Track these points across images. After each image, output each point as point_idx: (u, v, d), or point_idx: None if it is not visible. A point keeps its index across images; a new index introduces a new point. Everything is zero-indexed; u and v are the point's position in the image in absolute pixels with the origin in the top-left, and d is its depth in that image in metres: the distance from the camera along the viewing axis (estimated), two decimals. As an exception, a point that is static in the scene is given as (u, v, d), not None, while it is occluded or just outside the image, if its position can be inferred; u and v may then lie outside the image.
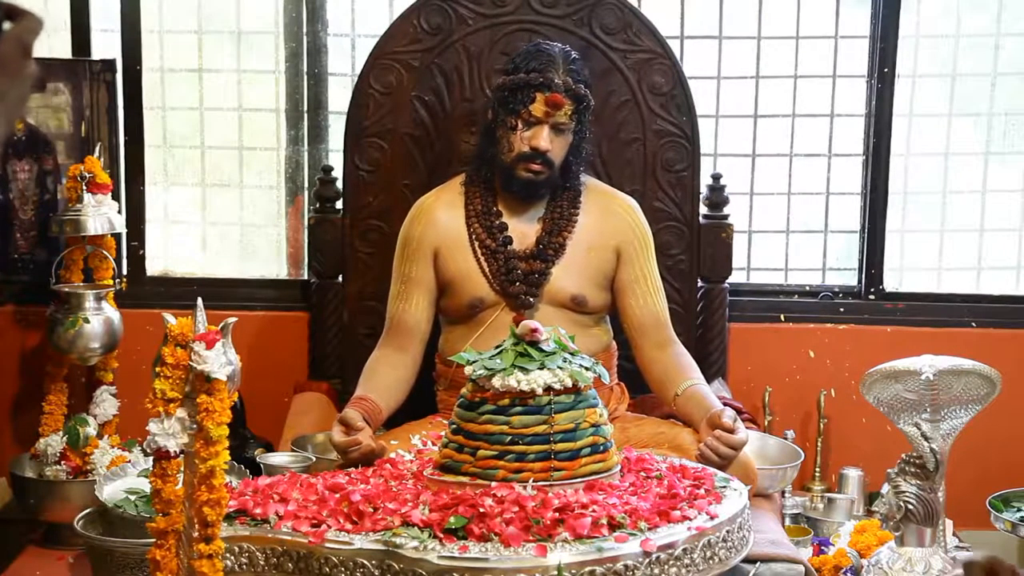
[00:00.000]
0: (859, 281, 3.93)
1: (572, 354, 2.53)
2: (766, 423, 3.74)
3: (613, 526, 2.28)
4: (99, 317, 3.56)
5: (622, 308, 3.18)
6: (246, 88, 3.96)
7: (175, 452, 2.11)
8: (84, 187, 3.55)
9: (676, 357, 3.13)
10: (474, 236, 3.13)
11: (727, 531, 2.40)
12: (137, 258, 3.93)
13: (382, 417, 3.00)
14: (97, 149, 3.69)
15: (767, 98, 3.92)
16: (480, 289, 3.12)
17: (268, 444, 3.54)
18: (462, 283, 3.13)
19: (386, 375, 3.09)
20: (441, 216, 3.16)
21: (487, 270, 3.12)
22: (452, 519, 2.27)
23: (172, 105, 3.97)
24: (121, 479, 3.18)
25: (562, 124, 3.04)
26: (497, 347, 2.53)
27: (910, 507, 2.71)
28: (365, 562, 2.24)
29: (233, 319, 2.14)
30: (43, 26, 1.20)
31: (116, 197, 3.75)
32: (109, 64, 3.82)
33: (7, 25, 1.19)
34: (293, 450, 3.06)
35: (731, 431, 2.78)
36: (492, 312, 3.11)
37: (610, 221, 3.17)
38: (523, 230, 3.14)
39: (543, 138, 3.02)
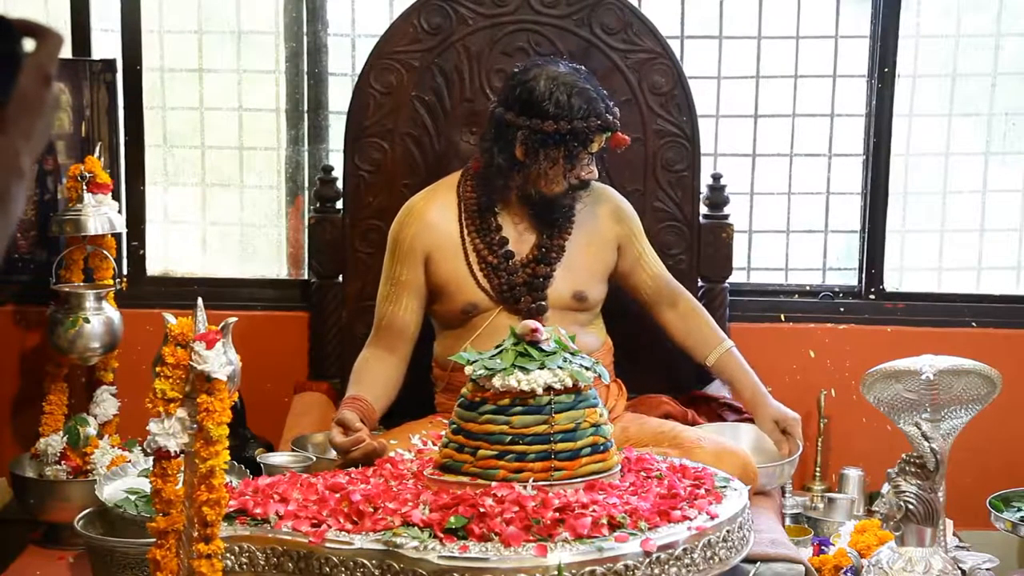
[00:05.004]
0: (859, 281, 3.93)
1: (572, 354, 2.53)
2: (766, 423, 3.74)
3: (613, 526, 2.28)
4: (99, 317, 3.55)
5: (634, 286, 3.29)
6: (246, 88, 3.95)
7: (175, 452, 2.11)
8: (84, 187, 3.55)
9: (693, 316, 3.33)
10: (470, 245, 3.12)
11: (727, 531, 2.40)
12: (137, 258, 3.93)
13: (376, 417, 3.01)
14: (97, 149, 3.69)
15: (767, 98, 3.91)
16: (473, 294, 3.11)
17: (268, 444, 3.54)
18: (455, 288, 3.12)
19: (377, 375, 3.09)
20: (433, 220, 3.15)
21: (480, 278, 3.11)
22: (452, 519, 2.27)
23: (172, 105, 3.97)
24: (121, 479, 3.18)
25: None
26: (497, 347, 2.53)
27: (910, 507, 2.71)
28: (365, 562, 2.24)
29: (233, 319, 2.14)
30: (62, 44, 1.17)
31: (116, 197, 3.75)
32: (109, 64, 3.82)
33: (28, 45, 1.16)
34: (293, 450, 3.05)
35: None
36: (486, 317, 3.10)
37: (605, 214, 3.22)
38: (522, 237, 3.14)
39: (593, 168, 3.06)
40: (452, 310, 3.14)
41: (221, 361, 2.07)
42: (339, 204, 3.65)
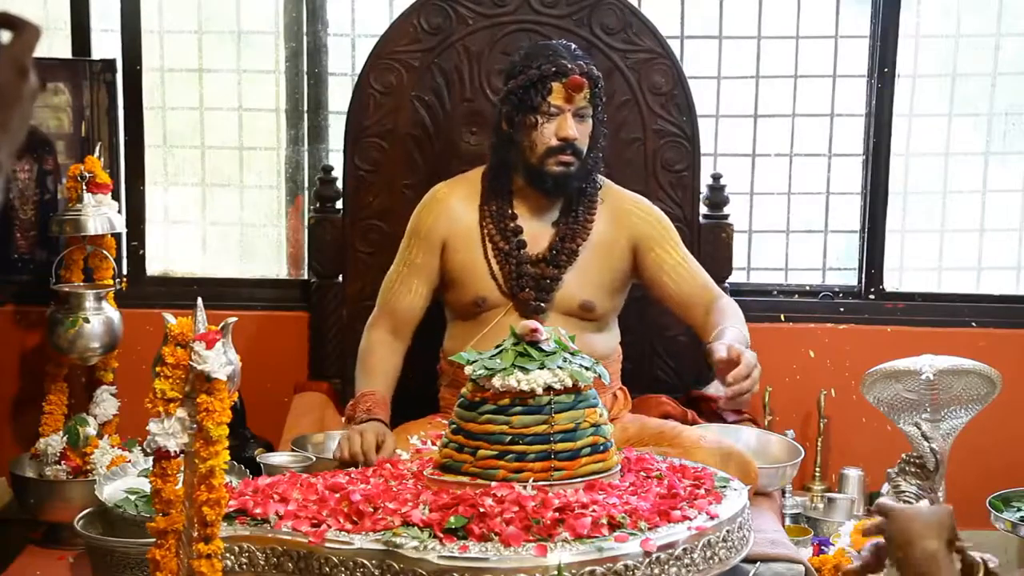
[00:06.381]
0: (859, 281, 3.93)
1: (572, 354, 2.53)
2: (766, 423, 3.74)
3: (613, 526, 2.28)
4: (99, 317, 3.56)
5: (661, 295, 3.15)
6: (246, 88, 3.95)
7: (175, 452, 2.11)
8: (84, 187, 3.55)
9: (714, 313, 3.06)
10: (486, 234, 3.12)
11: (727, 531, 2.40)
12: (137, 258, 3.93)
13: (388, 410, 3.00)
14: (97, 149, 3.69)
15: (767, 98, 3.91)
16: (485, 287, 3.11)
17: (268, 444, 3.54)
18: (468, 278, 3.12)
19: (385, 361, 3.10)
20: (455, 208, 3.15)
21: (495, 269, 3.11)
22: (452, 519, 2.27)
23: (172, 105, 3.97)
24: (121, 479, 3.18)
25: (582, 109, 3.02)
26: (497, 347, 2.53)
27: (910, 507, 2.71)
28: (365, 562, 2.24)
29: (233, 319, 2.14)
30: (40, 36, 1.16)
31: (116, 197, 3.75)
32: (109, 64, 3.82)
33: (5, 36, 1.15)
34: (293, 450, 3.05)
35: (733, 364, 2.69)
36: (497, 313, 3.10)
37: (622, 222, 3.15)
38: (537, 234, 3.12)
39: (569, 126, 3.00)
40: (463, 301, 3.13)
41: (221, 361, 2.07)
42: (339, 204, 3.65)
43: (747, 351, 2.76)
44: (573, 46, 3.11)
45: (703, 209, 3.63)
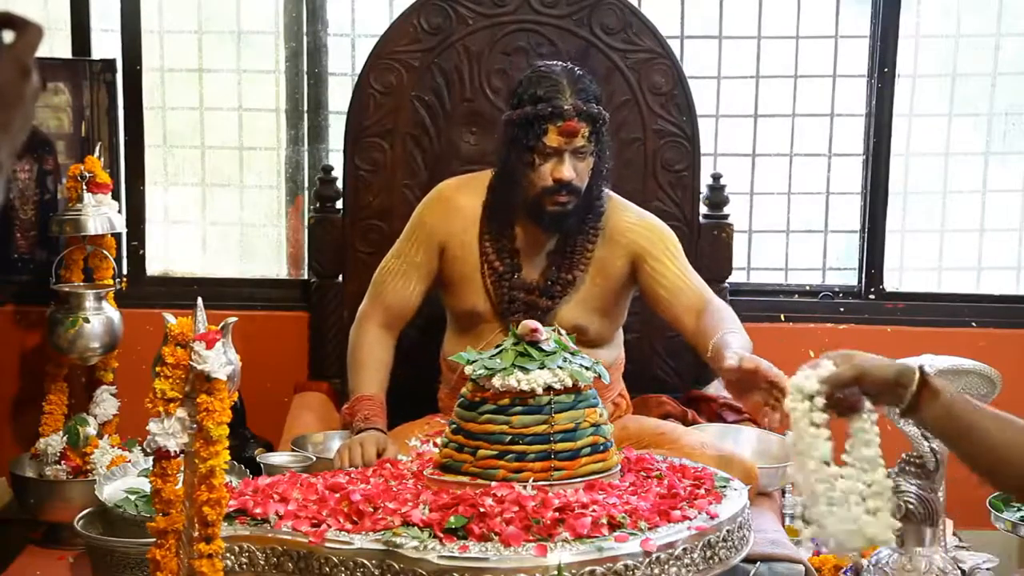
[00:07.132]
0: (859, 281, 3.93)
1: (572, 354, 2.53)
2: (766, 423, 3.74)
3: (613, 526, 2.28)
4: (99, 317, 3.55)
5: (656, 306, 3.06)
6: (246, 88, 3.95)
7: (175, 452, 2.11)
8: (84, 187, 3.55)
9: (706, 316, 2.93)
10: (483, 250, 3.08)
11: (727, 531, 2.40)
12: (137, 258, 3.93)
13: (385, 414, 3.00)
14: (97, 149, 3.69)
15: (767, 98, 3.92)
16: (479, 302, 3.07)
17: (268, 444, 3.54)
18: (463, 288, 3.09)
19: (377, 358, 3.09)
20: (458, 212, 3.09)
21: (489, 287, 3.07)
22: (452, 519, 2.27)
23: (172, 105, 3.97)
24: (121, 479, 3.18)
25: (581, 148, 2.90)
26: (497, 347, 2.53)
27: (910, 507, 2.71)
28: (365, 562, 2.24)
29: (233, 319, 2.14)
30: (42, 36, 1.16)
31: (116, 197, 3.75)
32: (109, 64, 3.82)
33: (7, 36, 1.15)
34: (293, 450, 3.05)
35: (746, 373, 2.48)
36: (491, 329, 3.06)
37: (620, 241, 3.05)
38: (534, 261, 3.06)
39: (566, 168, 2.88)
40: (460, 308, 3.11)
41: (221, 361, 2.07)
42: (339, 204, 3.65)
43: (761, 360, 2.53)
44: (577, 72, 2.97)
45: (703, 209, 3.63)
